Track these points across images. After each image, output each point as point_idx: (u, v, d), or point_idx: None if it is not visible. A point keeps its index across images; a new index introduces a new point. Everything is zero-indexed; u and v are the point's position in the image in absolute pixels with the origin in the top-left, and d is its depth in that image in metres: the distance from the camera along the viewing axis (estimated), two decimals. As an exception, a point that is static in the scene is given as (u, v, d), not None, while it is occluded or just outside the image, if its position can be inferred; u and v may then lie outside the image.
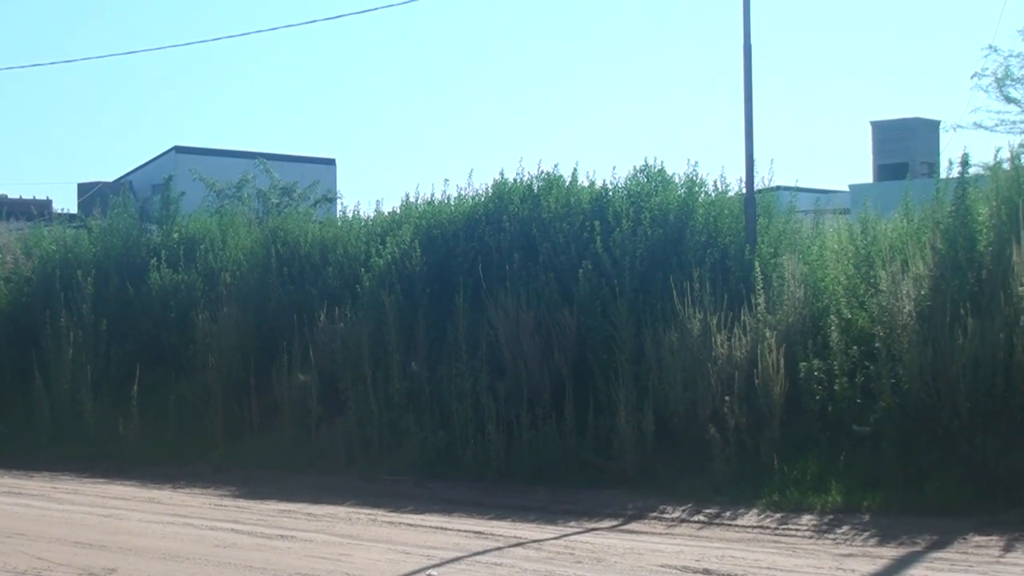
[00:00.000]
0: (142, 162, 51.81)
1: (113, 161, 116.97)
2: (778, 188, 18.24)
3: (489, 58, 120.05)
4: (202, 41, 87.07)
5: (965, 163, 15.36)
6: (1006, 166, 15.09)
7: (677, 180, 17.05)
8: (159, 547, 12.40)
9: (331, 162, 51.30)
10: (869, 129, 48.55)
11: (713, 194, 16.97)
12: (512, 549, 11.88)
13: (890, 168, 44.33)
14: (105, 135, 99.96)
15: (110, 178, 49.18)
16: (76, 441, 19.98)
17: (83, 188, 49.34)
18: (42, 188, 70.87)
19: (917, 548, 11.33)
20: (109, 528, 13.66)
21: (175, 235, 22.49)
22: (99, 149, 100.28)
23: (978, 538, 11.48)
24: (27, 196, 51.73)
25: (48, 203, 48.12)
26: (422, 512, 14.15)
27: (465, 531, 12.94)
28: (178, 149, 47.76)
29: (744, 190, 16.39)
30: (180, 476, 17.55)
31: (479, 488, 15.24)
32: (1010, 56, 24.89)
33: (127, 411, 19.43)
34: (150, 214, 25.04)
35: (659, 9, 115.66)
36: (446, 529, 13.11)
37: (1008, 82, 24.94)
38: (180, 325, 20.54)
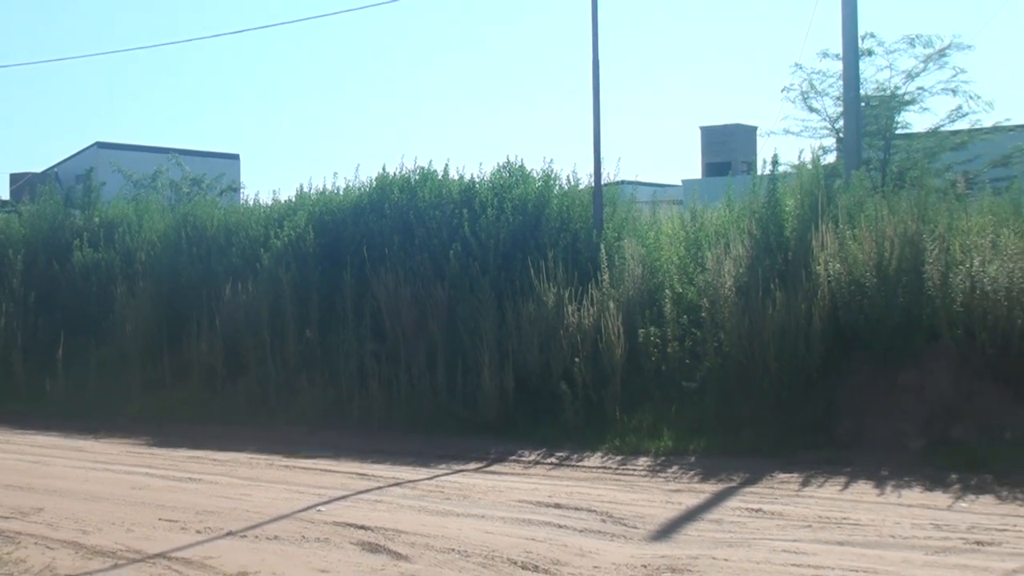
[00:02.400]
0: (67, 155, 50.51)
1: (42, 154, 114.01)
2: (622, 182, 18.45)
3: (375, 65, 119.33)
4: (126, 50, 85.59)
5: (775, 163, 15.69)
6: (809, 166, 15.42)
7: (535, 175, 17.08)
8: (82, 489, 12.22)
9: (235, 157, 50.35)
10: (699, 133, 49.05)
11: (566, 187, 17.02)
12: (391, 488, 11.91)
13: (716, 166, 44.80)
14: (35, 131, 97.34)
15: (39, 169, 47.86)
16: (7, 398, 19.57)
17: (14, 177, 47.93)
18: (-25, 177, 69.58)
19: (733, 484, 11.59)
20: (37, 473, 13.41)
21: (96, 219, 22.01)
22: (29, 143, 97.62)
23: (782, 475, 11.78)
24: (-38, 184, 50.25)
25: (-18, 190, 46.75)
26: (313, 457, 14.08)
27: (351, 473, 12.93)
28: (99, 144, 46.64)
29: (592, 184, 16.51)
30: (100, 428, 17.23)
31: (363, 436, 15.20)
32: (813, 73, 25.31)
33: (53, 372, 19.19)
34: (74, 201, 24.51)
35: (519, 25, 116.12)
36: (334, 471, 13.08)
37: (811, 95, 25.36)
38: (100, 298, 20.19)
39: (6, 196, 43.05)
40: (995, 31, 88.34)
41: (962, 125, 25.15)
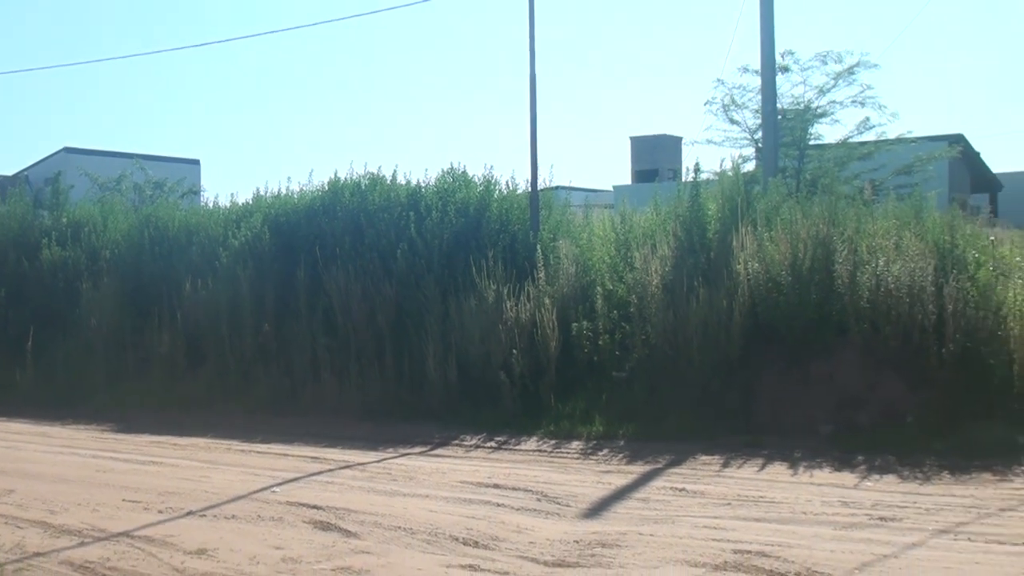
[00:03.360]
0: (37, 159, 49.79)
1: (12, 158, 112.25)
2: (557, 187, 18.48)
3: (328, 77, 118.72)
4: (90, 61, 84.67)
5: (699, 170, 15.76)
6: (729, 173, 15.54)
7: (477, 180, 17.07)
8: (50, 472, 12.07)
9: (196, 162, 49.81)
10: (628, 142, 49.23)
11: (505, 191, 17.02)
12: (341, 470, 11.86)
13: (644, 173, 45.01)
14: (6, 136, 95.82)
15: (10, 172, 47.11)
16: (-21, 388, 19.30)
17: (-15, 180, 47.26)
18: (-51, 181, 67.64)
19: (659, 465, 11.62)
20: (8, 457, 13.21)
21: (64, 220, 21.74)
22: (0, 148, 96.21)
23: (704, 457, 11.83)
24: (-64, 187, 49.20)
25: (-45, 193, 45.84)
26: (269, 442, 13.96)
27: (304, 456, 12.85)
28: (68, 149, 45.99)
29: (530, 188, 16.53)
30: (68, 415, 16.99)
31: (316, 423, 15.09)
32: (733, 88, 25.54)
33: (23, 363, 18.92)
34: (43, 202, 24.25)
35: (462, 41, 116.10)
36: (288, 455, 13.00)
37: (732, 108, 25.59)
38: (67, 293, 19.92)
39: (-22, 198, 42.36)
40: (899, 51, 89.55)
41: (869, 137, 25.56)
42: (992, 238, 14.76)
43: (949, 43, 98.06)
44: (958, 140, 33.15)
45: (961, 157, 32.17)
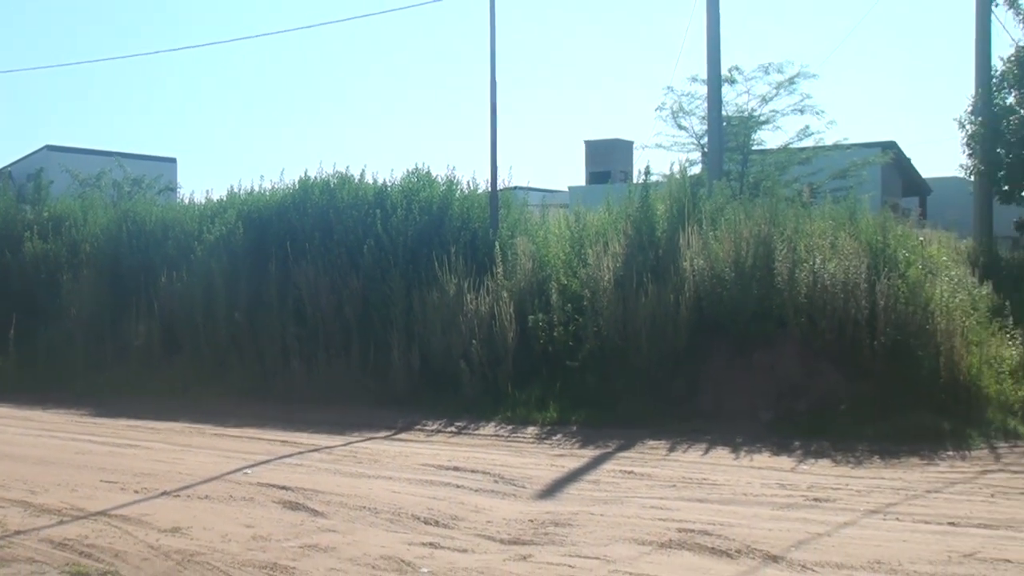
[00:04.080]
0: (20, 156, 49.13)
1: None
2: (515, 188, 18.49)
3: (301, 80, 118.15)
4: (73, 63, 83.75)
5: (648, 173, 15.91)
6: (677, 176, 15.62)
7: (440, 180, 17.04)
8: (31, 454, 11.95)
9: (172, 160, 49.22)
10: (583, 146, 49.13)
11: (467, 191, 17.00)
12: (310, 453, 11.82)
13: (598, 175, 44.87)
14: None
15: (-7, 169, 46.51)
16: (-36, 374, 19.04)
17: (-29, 176, 46.50)
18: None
19: (609, 449, 11.67)
20: (-10, 440, 13.11)
21: (45, 214, 21.52)
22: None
23: (652, 442, 11.88)
24: (-78, 182, 48.39)
25: (-59, 188, 45.10)
26: (241, 427, 13.87)
27: (274, 440, 12.79)
28: (49, 147, 45.34)
29: (490, 188, 16.53)
30: (48, 400, 16.82)
31: (286, 408, 15.00)
32: (682, 95, 25.73)
33: (5, 350, 18.72)
34: (26, 197, 24.03)
35: (428, 48, 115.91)
36: (259, 439, 12.92)
37: (680, 114, 25.77)
38: (48, 284, 19.74)
39: (-37, 192, 41.74)
40: (837, 61, 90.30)
41: (808, 143, 25.79)
42: (921, 239, 14.99)
43: (884, 55, 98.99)
44: (890, 147, 33.49)
45: (893, 163, 32.48)
